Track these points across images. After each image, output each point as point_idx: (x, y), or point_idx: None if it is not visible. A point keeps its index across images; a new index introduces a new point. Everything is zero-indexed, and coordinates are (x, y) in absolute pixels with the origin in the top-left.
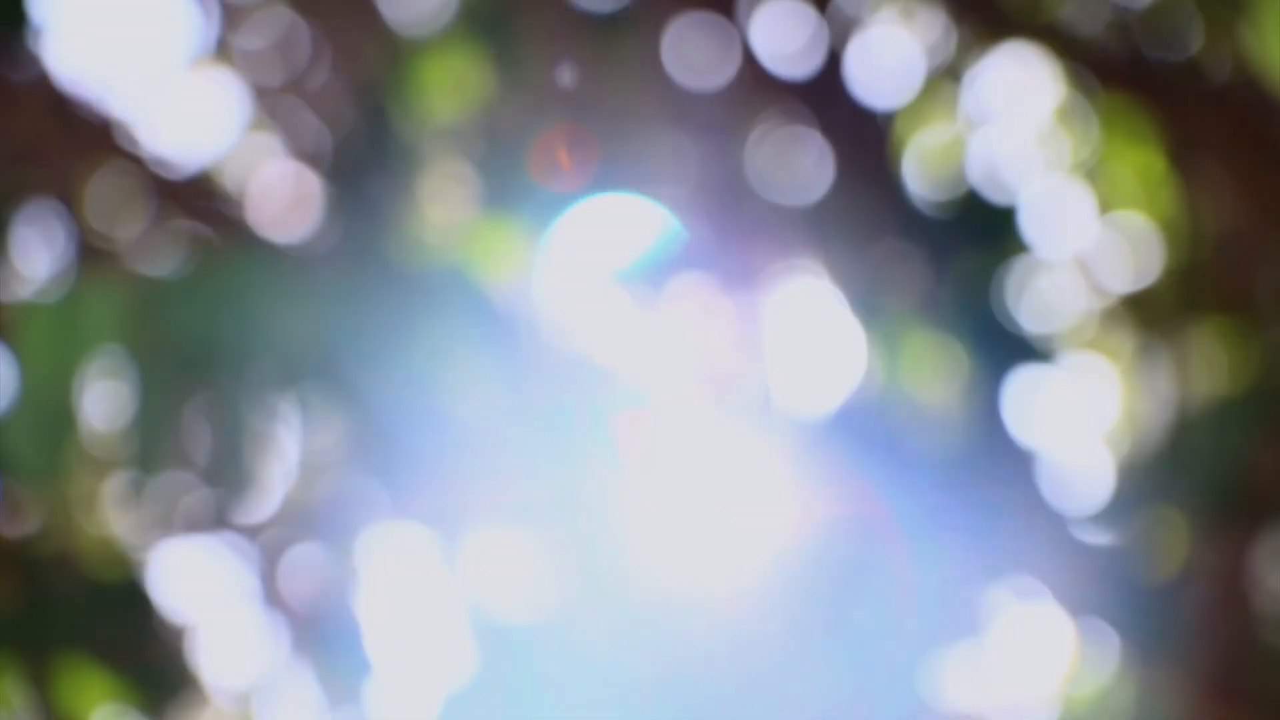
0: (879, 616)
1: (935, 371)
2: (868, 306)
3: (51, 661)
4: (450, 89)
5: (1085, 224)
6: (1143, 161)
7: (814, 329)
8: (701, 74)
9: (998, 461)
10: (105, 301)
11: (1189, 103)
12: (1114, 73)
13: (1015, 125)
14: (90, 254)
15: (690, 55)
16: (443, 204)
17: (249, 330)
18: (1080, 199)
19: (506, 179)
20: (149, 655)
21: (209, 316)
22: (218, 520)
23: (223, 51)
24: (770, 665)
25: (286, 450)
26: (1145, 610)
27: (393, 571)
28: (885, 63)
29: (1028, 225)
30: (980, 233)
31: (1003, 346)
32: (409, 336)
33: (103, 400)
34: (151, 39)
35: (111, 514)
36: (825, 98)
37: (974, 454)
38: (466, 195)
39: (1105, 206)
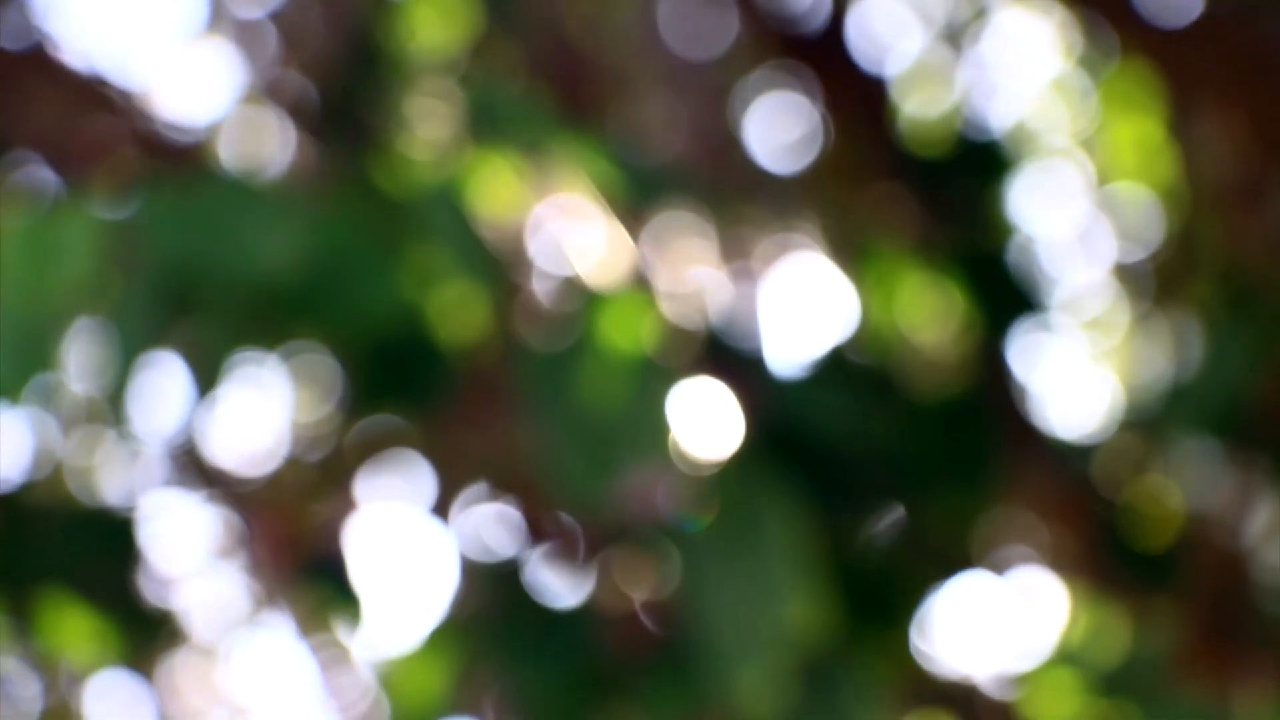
0: (873, 557)
1: (932, 312)
2: (863, 249)
3: (33, 596)
4: (441, 24)
5: (1083, 193)
6: (1142, 131)
7: (809, 275)
8: (698, 32)
9: (995, 402)
10: (84, 224)
11: (1190, 42)
12: (1114, 16)
13: (1016, 85)
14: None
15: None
16: (430, 130)
17: (231, 256)
18: (1078, 168)
19: (495, 107)
20: (131, 594)
21: (191, 241)
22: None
23: (216, 16)
24: (758, 597)
25: (274, 397)
26: (1142, 551)
27: (381, 512)
28: (886, 24)
29: (1024, 189)
30: (976, 172)
31: (999, 288)
32: (396, 263)
33: (82, 329)
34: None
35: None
36: (823, 51)
37: (971, 395)
38: (455, 122)
39: (1103, 177)
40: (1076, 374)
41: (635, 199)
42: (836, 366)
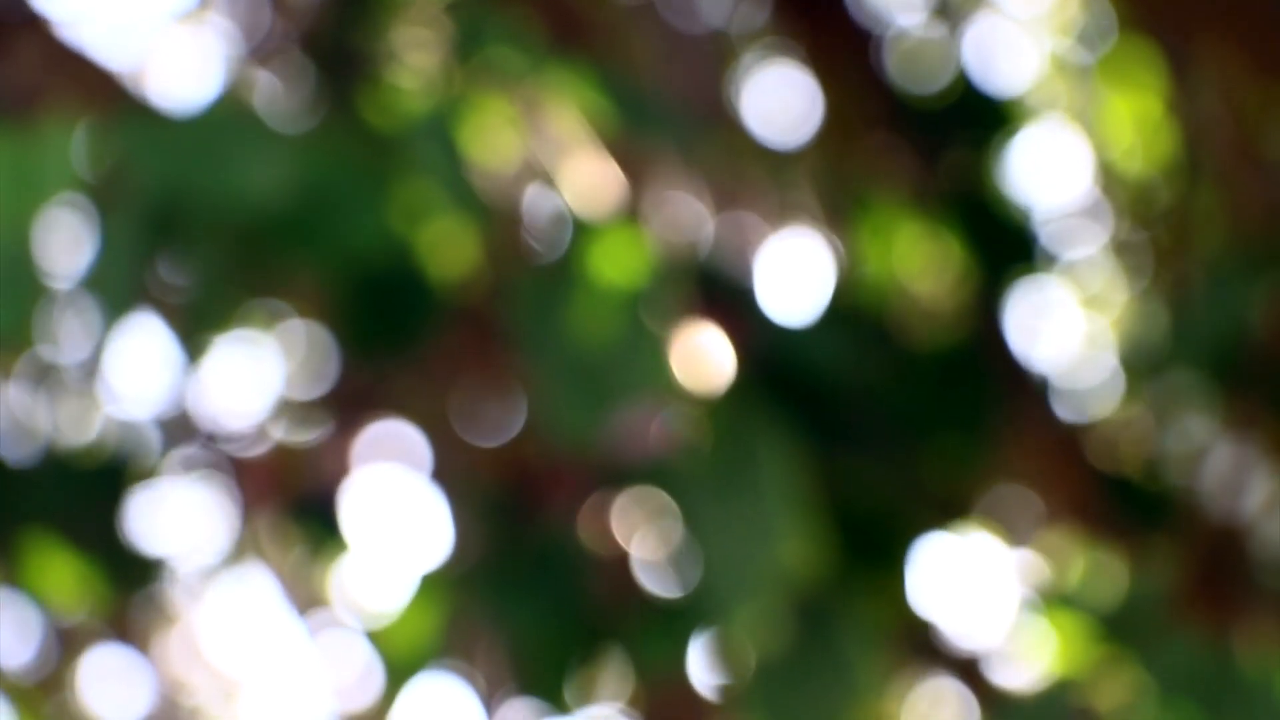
0: (869, 499)
1: (928, 262)
2: (859, 200)
3: (18, 539)
4: None
5: (1082, 168)
6: (1141, 106)
7: (805, 232)
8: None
9: (992, 351)
10: (66, 150)
11: None
12: None
13: (1015, 61)
14: None
15: None
16: (420, 61)
17: (217, 184)
18: (1077, 144)
19: (485, 37)
20: (119, 540)
21: (176, 169)
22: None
23: None
24: (752, 535)
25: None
26: (1138, 493)
27: (370, 450)
28: None
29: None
30: (973, 123)
31: (996, 238)
32: (383, 196)
33: (66, 253)
34: None
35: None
36: (820, 12)
37: (968, 344)
38: (444, 52)
39: (1102, 152)
40: (1073, 323)
41: (628, 131)
42: (833, 312)
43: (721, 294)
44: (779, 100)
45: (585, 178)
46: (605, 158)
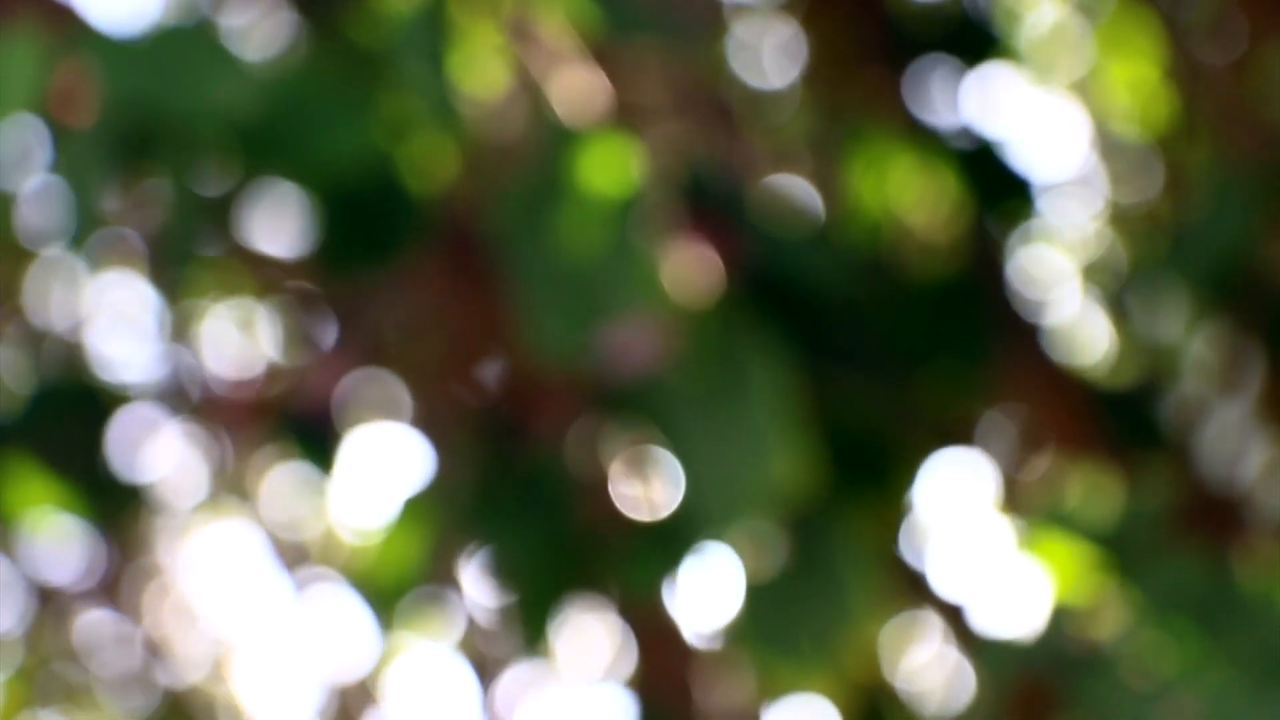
0: (861, 419)
1: (923, 195)
2: (854, 132)
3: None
4: None
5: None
6: (1138, 74)
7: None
8: None
9: (986, 284)
10: (30, 55)
11: None
12: None
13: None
14: None
15: None
16: None
17: (188, 95)
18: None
19: None
20: (100, 463)
21: (146, 79)
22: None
23: None
24: (742, 450)
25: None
26: (1133, 413)
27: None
28: None
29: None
30: (969, 53)
31: (991, 172)
32: (363, 108)
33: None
34: None
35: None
36: None
37: (963, 277)
38: None
39: (1099, 119)
40: (1066, 256)
41: (617, 40)
42: (827, 233)
43: (712, 206)
44: (773, 49)
45: (573, 87)
46: (594, 67)
